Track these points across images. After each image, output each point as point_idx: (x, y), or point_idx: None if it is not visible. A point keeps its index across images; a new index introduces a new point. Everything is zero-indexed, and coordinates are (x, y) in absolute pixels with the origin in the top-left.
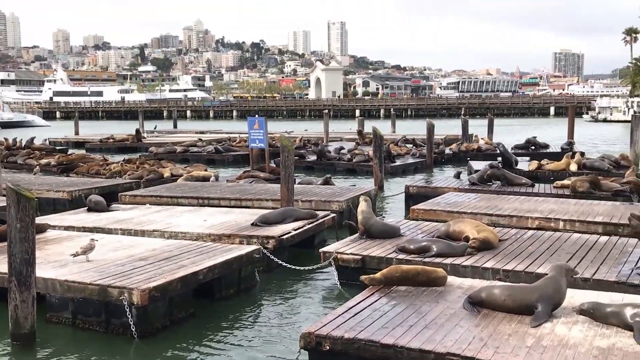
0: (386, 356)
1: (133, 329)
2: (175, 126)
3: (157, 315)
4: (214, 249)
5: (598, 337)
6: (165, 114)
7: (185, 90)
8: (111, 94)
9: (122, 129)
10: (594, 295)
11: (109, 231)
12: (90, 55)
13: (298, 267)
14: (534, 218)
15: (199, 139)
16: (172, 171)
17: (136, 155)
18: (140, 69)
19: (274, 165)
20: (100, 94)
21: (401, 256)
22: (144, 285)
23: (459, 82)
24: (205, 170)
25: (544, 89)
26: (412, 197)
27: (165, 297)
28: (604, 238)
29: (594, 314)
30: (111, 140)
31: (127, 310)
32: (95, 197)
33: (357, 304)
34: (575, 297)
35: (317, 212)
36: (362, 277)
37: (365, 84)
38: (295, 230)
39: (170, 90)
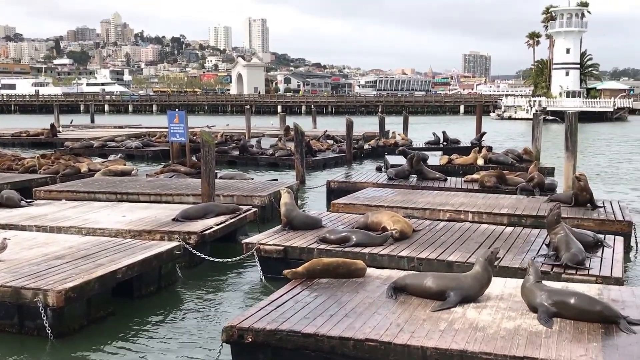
0: (308, 345)
1: (48, 331)
2: (92, 120)
3: (74, 316)
4: (133, 246)
5: (505, 320)
6: (82, 108)
7: (103, 84)
8: (25, 87)
9: (37, 124)
10: (501, 282)
11: (22, 228)
12: (1, 47)
13: (221, 260)
14: (446, 210)
15: (129, 137)
16: (89, 166)
17: (51, 150)
18: (56, 62)
19: (195, 160)
20: (12, 86)
21: (322, 246)
22: (60, 286)
23: (376, 81)
24: (124, 164)
25: (455, 89)
26: (333, 192)
27: (83, 298)
28: (509, 229)
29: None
30: (24, 135)
31: (42, 312)
32: (7, 192)
33: (280, 296)
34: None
35: (239, 206)
36: (285, 272)
37: (287, 80)
38: (217, 225)
39: (88, 84)
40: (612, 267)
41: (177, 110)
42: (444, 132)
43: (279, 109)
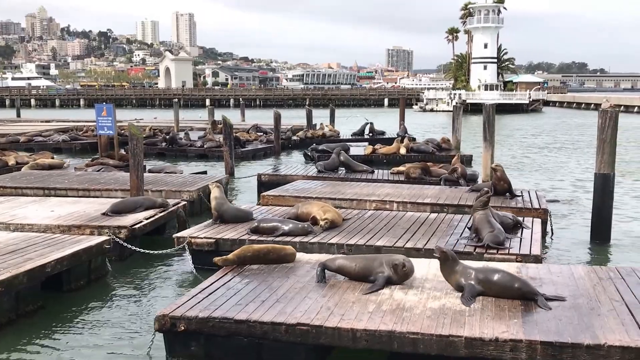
0: (240, 332)
1: None
2: (18, 115)
3: (2, 310)
4: (62, 241)
5: (431, 300)
6: (7, 102)
7: (29, 78)
8: None
9: None
10: (425, 263)
11: None
12: None
13: (151, 251)
14: (372, 201)
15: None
16: (17, 159)
17: None
18: None
19: (124, 152)
20: None
21: (253, 237)
22: None
23: (303, 74)
24: (52, 158)
25: (379, 82)
26: (264, 185)
27: (11, 292)
28: (433, 215)
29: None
30: None
31: None
32: None
33: (211, 284)
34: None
35: (167, 201)
36: (216, 259)
37: (215, 74)
38: (147, 219)
39: (13, 79)
40: (530, 246)
41: (104, 103)
42: (370, 124)
43: (208, 102)
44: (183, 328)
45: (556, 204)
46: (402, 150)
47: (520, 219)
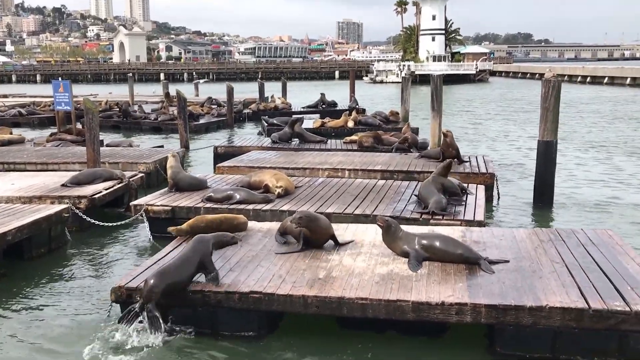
0: (195, 301)
1: None
2: None
3: None
4: (22, 210)
5: (379, 266)
6: None
7: None
8: None
9: None
10: (373, 229)
11: None
12: None
13: (111, 224)
14: (324, 169)
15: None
16: None
17: None
18: None
19: (81, 127)
20: None
21: (208, 205)
22: None
23: (255, 47)
24: (11, 133)
25: (330, 55)
26: (220, 157)
27: None
28: (382, 181)
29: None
30: None
31: None
32: None
33: (166, 254)
34: (361, 231)
35: (124, 173)
36: (170, 228)
37: (169, 48)
38: (106, 189)
39: None
40: (474, 211)
41: (60, 79)
42: (322, 95)
43: (162, 76)
44: (139, 299)
45: (502, 170)
46: (350, 124)
47: (465, 185)
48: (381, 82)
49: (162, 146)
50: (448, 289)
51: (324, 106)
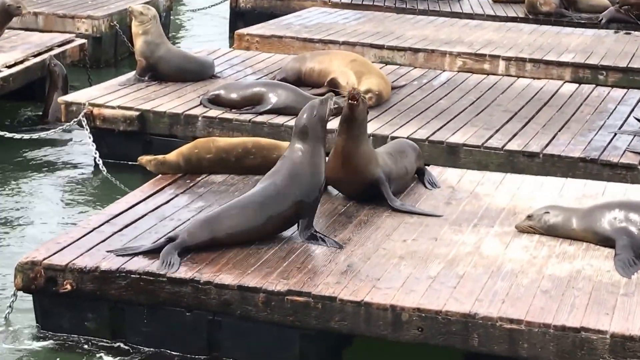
0: (180, 299)
1: None
2: None
3: None
4: None
5: (553, 260)
6: None
7: None
8: None
9: None
10: (537, 184)
11: None
12: None
13: (19, 136)
14: (454, 54)
15: None
16: None
17: None
18: None
19: None
20: None
21: (213, 112)
22: None
23: None
24: None
25: None
26: (243, 15)
27: None
28: (571, 87)
29: (549, 227)
30: None
31: None
32: None
33: (129, 208)
34: (520, 186)
35: (52, 34)
36: (142, 159)
37: None
38: (8, 67)
39: None
40: None
41: None
42: None
43: None
44: (70, 287)
45: None
46: None
47: None
48: None
49: None
50: None
51: None
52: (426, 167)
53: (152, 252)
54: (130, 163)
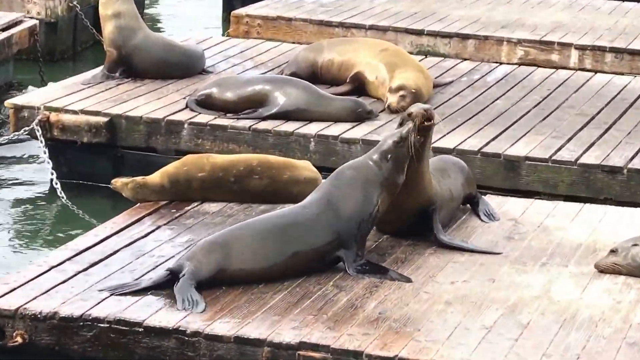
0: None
1: None
2: None
3: None
4: None
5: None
6: None
7: None
8: None
9: None
10: (624, 215)
11: None
12: None
13: None
14: (514, 41)
15: None
16: None
17: None
18: None
19: None
20: None
21: (203, 118)
22: None
23: None
24: None
25: None
26: None
27: None
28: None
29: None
30: None
31: None
32: None
33: (99, 242)
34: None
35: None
36: (117, 182)
37: None
38: None
39: None
40: None
41: None
42: None
43: None
44: (21, 340)
45: None
46: None
47: None
48: None
49: None
50: None
51: None
52: (482, 196)
53: (154, 289)
54: (97, 185)
